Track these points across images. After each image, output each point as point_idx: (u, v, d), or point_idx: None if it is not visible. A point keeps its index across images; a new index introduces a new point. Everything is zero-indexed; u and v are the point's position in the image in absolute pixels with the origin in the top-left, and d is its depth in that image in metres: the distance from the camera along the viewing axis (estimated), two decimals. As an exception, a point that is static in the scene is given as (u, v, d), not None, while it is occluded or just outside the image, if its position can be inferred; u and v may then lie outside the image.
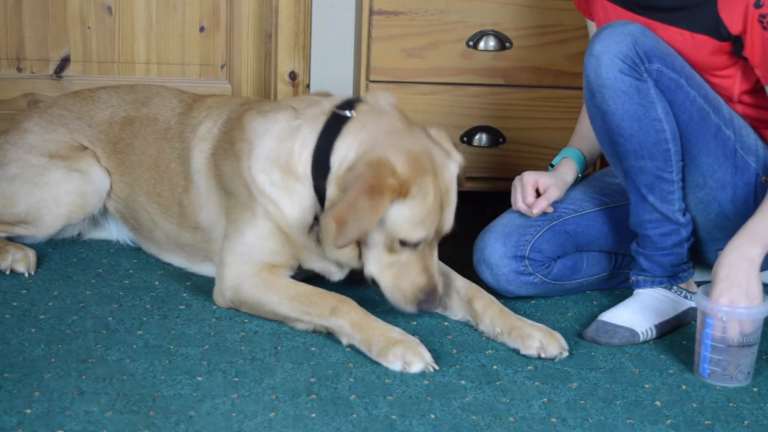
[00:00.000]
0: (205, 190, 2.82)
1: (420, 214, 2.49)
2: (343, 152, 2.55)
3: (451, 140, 2.67)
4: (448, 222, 2.58)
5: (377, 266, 2.56)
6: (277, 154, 2.64)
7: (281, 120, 2.68)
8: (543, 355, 2.52)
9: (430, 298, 2.54)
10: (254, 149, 2.67)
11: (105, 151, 3.01)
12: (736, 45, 2.52)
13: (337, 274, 2.74)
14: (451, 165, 2.58)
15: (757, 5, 2.43)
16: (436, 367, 2.45)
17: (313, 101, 2.71)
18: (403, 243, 2.52)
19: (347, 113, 2.60)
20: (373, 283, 2.60)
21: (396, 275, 2.55)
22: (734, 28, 2.48)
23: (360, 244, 2.56)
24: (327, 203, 2.56)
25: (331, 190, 2.56)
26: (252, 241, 2.68)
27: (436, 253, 2.59)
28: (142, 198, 2.95)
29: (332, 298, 2.58)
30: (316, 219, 2.63)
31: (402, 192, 2.46)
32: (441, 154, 2.57)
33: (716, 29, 2.51)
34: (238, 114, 2.80)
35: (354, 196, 2.44)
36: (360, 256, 2.58)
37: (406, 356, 2.44)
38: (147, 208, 2.95)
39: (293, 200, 2.64)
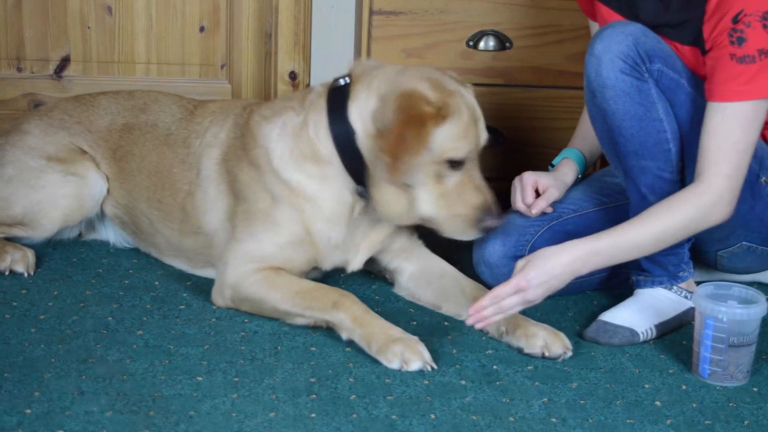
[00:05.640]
0: (213, 195, 2.81)
1: (461, 130, 2.55)
2: (362, 105, 2.59)
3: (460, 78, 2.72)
4: (484, 135, 2.63)
5: (430, 202, 2.58)
6: (300, 150, 2.66)
7: (288, 121, 2.71)
8: (547, 355, 2.52)
9: (490, 214, 2.58)
10: (273, 154, 2.69)
11: (105, 157, 3.00)
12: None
13: (354, 262, 2.75)
14: (468, 89, 2.65)
15: (735, 20, 2.42)
16: (435, 366, 2.45)
17: (305, 92, 2.77)
18: (452, 163, 2.55)
19: (342, 81, 2.65)
20: (426, 224, 2.62)
21: (450, 205, 2.57)
22: (708, 42, 2.48)
23: (409, 194, 2.58)
24: (367, 151, 2.57)
25: (368, 142, 2.57)
26: (268, 248, 2.68)
27: (479, 172, 2.62)
28: (142, 204, 2.95)
29: (334, 292, 2.58)
30: (361, 195, 2.65)
31: (441, 115, 2.52)
32: (454, 81, 2.64)
33: (699, 43, 2.52)
34: (243, 119, 2.80)
35: (399, 129, 2.48)
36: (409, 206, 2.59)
37: (405, 354, 2.44)
38: (147, 215, 2.94)
39: (329, 186, 2.66)
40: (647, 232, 2.47)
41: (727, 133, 2.44)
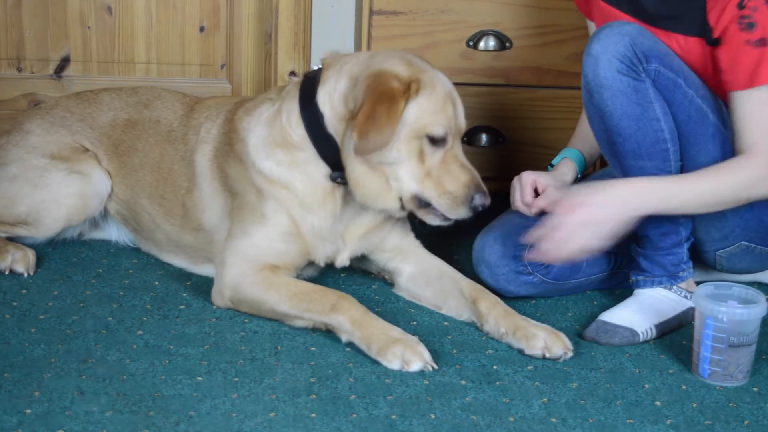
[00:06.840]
0: (209, 192, 2.82)
1: (437, 102, 2.55)
2: (330, 88, 2.61)
3: None
4: (461, 117, 2.62)
5: (414, 179, 2.57)
6: (272, 137, 2.69)
7: (264, 111, 2.74)
8: (548, 355, 2.52)
9: (479, 192, 2.57)
10: (249, 145, 2.72)
11: (107, 153, 3.01)
12: (715, 50, 2.52)
13: (342, 256, 2.74)
14: (442, 73, 2.64)
15: (740, 6, 2.43)
16: (435, 366, 2.45)
17: (283, 85, 2.81)
18: (432, 139, 2.54)
19: (315, 68, 2.68)
20: (410, 207, 2.60)
21: (438, 182, 2.56)
22: (716, 31, 2.49)
23: (387, 174, 2.57)
24: (337, 134, 2.59)
25: (336, 124, 2.60)
26: (260, 243, 2.68)
27: (462, 152, 2.61)
28: (144, 200, 2.95)
29: (333, 294, 2.58)
30: (335, 180, 2.65)
31: (412, 89, 2.52)
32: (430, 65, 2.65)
33: (704, 32, 2.52)
34: (231, 114, 2.84)
35: (369, 107, 2.48)
36: (390, 190, 2.59)
37: (405, 355, 2.44)
38: (149, 210, 2.95)
39: (301, 171, 2.67)
40: (696, 188, 2.49)
41: (764, 115, 2.47)
